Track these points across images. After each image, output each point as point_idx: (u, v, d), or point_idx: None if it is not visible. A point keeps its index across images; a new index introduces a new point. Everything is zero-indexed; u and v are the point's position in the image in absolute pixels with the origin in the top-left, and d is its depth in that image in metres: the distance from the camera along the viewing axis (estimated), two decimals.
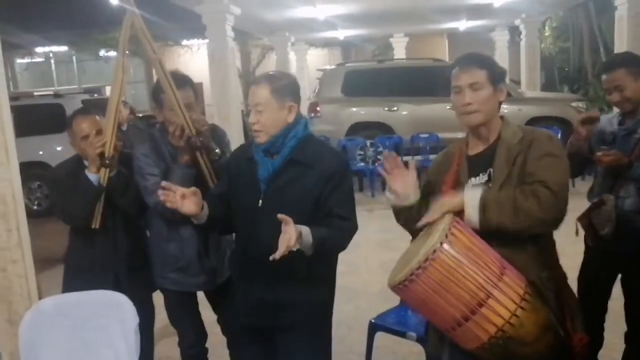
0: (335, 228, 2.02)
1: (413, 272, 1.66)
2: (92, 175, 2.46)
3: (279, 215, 1.83)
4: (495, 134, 1.95)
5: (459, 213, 1.81)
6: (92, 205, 2.48)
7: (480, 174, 1.93)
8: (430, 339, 2.05)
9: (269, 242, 1.88)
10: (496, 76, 1.91)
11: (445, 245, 1.67)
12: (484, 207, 1.76)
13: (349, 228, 2.08)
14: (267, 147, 2.06)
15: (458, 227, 1.73)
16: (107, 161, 2.45)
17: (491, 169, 1.90)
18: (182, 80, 2.46)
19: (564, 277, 1.95)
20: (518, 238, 1.81)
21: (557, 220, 1.80)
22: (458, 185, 1.94)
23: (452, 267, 1.66)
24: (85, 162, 2.54)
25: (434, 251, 1.66)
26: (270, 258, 1.81)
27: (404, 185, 1.93)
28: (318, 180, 2.03)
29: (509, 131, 1.93)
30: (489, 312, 1.66)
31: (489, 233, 1.79)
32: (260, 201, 2.06)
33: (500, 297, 1.66)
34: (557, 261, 1.96)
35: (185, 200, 2.03)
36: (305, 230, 1.90)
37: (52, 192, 2.64)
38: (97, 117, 2.58)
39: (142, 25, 2.45)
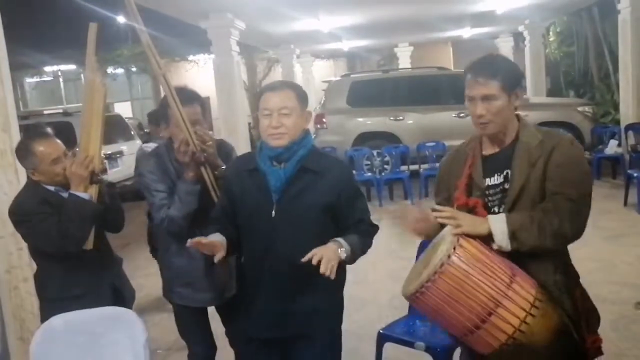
0: (367, 234, 2.17)
1: (423, 285, 1.70)
2: (82, 194, 2.37)
3: (305, 260, 1.87)
4: (512, 135, 1.91)
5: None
6: (92, 223, 2.43)
7: (496, 175, 1.91)
8: None
9: (287, 252, 1.92)
10: (511, 83, 1.84)
11: (454, 258, 1.69)
12: (513, 234, 1.76)
13: (376, 231, 2.23)
14: (281, 152, 2.04)
15: (466, 237, 1.74)
16: (99, 177, 2.42)
17: (508, 170, 1.87)
18: (189, 96, 2.44)
19: (577, 277, 1.94)
20: None
21: (580, 232, 1.81)
22: (471, 187, 1.93)
23: (460, 279, 1.68)
24: (48, 187, 2.46)
25: (442, 264, 1.68)
26: (321, 272, 1.85)
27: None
28: (329, 188, 2.06)
29: (527, 132, 1.90)
30: (499, 321, 1.67)
31: None
32: (274, 212, 2.05)
33: (510, 306, 1.67)
34: (570, 263, 1.94)
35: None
36: (342, 242, 2.00)
37: (24, 227, 2.46)
38: (57, 140, 2.51)
39: (148, 41, 2.40)
